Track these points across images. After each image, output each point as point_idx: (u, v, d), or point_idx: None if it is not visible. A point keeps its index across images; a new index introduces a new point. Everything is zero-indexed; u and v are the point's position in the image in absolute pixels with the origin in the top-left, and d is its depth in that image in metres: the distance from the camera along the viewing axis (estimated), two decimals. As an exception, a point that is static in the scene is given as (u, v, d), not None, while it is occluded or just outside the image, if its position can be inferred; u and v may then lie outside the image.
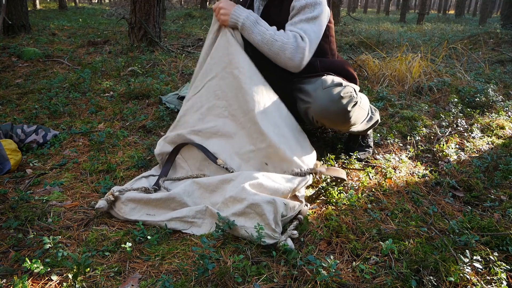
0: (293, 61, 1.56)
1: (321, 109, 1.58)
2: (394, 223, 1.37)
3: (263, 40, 1.58)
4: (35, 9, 12.81)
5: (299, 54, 1.55)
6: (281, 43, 1.55)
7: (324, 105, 1.56)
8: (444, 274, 1.08)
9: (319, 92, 1.60)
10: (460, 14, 16.90)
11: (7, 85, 3.11)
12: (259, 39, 1.58)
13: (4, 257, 1.17)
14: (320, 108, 1.58)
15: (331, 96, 1.55)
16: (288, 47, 1.54)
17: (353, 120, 1.62)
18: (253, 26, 1.58)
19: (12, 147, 1.79)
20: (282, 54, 1.56)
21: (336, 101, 1.54)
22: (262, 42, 1.58)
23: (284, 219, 1.31)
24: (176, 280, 1.09)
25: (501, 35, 5.94)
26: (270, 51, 1.58)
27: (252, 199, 1.25)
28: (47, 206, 1.46)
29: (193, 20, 9.87)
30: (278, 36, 1.57)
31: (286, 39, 1.55)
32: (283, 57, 1.56)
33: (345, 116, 1.57)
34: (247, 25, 1.58)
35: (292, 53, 1.55)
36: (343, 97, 1.54)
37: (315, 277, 1.06)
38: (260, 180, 1.35)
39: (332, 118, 1.59)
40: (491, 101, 2.65)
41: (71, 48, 4.71)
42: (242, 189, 1.30)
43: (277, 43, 1.55)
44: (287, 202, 1.32)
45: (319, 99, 1.59)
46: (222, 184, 1.43)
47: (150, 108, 2.64)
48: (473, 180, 1.65)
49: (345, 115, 1.57)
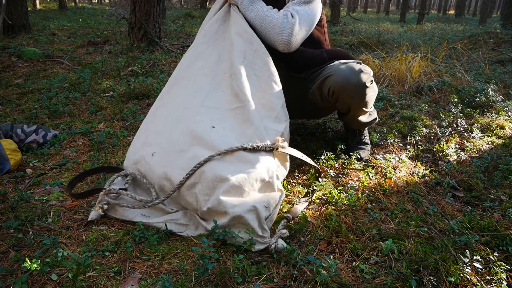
0: (281, 36, 1.62)
1: (342, 79, 1.63)
2: (394, 223, 1.37)
3: (256, 16, 1.66)
4: (35, 9, 12.81)
5: (287, 30, 1.61)
6: (271, 19, 1.63)
7: (346, 75, 1.63)
8: (444, 274, 1.08)
9: (339, 66, 1.68)
10: (460, 14, 16.90)
11: (7, 85, 3.11)
12: (253, 16, 1.66)
13: (4, 257, 1.17)
14: (342, 78, 1.64)
15: (353, 69, 1.63)
16: (277, 22, 1.62)
17: (368, 98, 1.68)
18: (250, 4, 1.68)
19: (12, 147, 1.79)
20: (271, 29, 1.63)
21: (357, 73, 1.62)
22: (255, 19, 1.66)
23: (270, 217, 1.31)
24: (176, 280, 1.09)
25: (501, 35, 5.94)
26: (261, 27, 1.65)
27: (233, 212, 1.23)
28: (47, 206, 1.46)
29: (193, 20, 9.87)
30: (269, 12, 1.65)
31: (276, 16, 1.64)
32: (271, 33, 1.63)
33: (363, 90, 1.64)
34: (245, 3, 1.67)
35: (281, 27, 1.61)
36: (364, 72, 1.63)
37: (315, 277, 1.06)
38: (231, 181, 1.29)
39: (351, 90, 1.64)
40: (491, 101, 2.65)
41: (71, 48, 4.71)
42: (219, 202, 1.25)
43: (268, 19, 1.63)
44: (267, 203, 1.30)
45: (340, 70, 1.65)
46: (188, 190, 1.35)
47: (150, 108, 2.64)
48: (473, 180, 1.65)
49: (363, 89, 1.64)
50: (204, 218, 1.32)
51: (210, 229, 1.25)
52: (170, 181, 1.39)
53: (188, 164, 1.37)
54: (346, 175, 1.74)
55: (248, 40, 1.63)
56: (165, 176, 1.40)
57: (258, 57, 1.61)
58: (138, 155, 1.52)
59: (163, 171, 1.41)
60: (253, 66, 1.59)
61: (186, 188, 1.34)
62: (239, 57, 1.57)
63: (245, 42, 1.62)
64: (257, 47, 1.62)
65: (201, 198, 1.30)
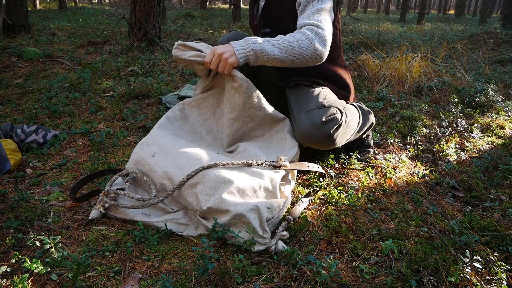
0: (317, 51, 1.47)
1: (304, 134, 1.55)
2: (394, 223, 1.37)
3: (281, 50, 1.45)
4: (35, 9, 12.81)
5: (322, 42, 1.47)
6: (299, 42, 1.45)
7: (307, 131, 1.53)
8: (444, 274, 1.08)
9: (302, 116, 1.57)
10: (460, 14, 16.90)
11: (7, 85, 3.11)
12: (278, 53, 1.44)
13: (4, 257, 1.17)
14: (303, 133, 1.55)
15: (313, 122, 1.51)
16: (308, 41, 1.45)
17: (339, 141, 1.59)
18: (263, 45, 1.44)
19: (12, 147, 1.79)
20: (306, 50, 1.45)
21: (318, 126, 1.51)
22: (282, 53, 1.45)
23: (272, 221, 1.30)
24: (176, 280, 1.09)
25: (501, 35, 5.94)
26: (294, 56, 1.46)
27: (235, 210, 1.22)
28: (47, 206, 1.46)
29: (193, 20, 9.87)
30: (291, 38, 1.46)
31: (302, 36, 1.46)
32: (309, 54, 1.46)
33: (329, 139, 1.54)
34: (258, 49, 1.43)
35: (315, 43, 1.46)
36: (325, 121, 1.51)
37: (315, 277, 1.06)
38: (235, 184, 1.30)
39: (316, 143, 1.57)
40: (491, 101, 2.65)
41: (71, 48, 4.71)
42: (221, 200, 1.26)
43: (295, 44, 1.45)
44: (270, 205, 1.30)
45: (302, 124, 1.55)
46: (189, 190, 1.36)
47: (150, 108, 2.65)
48: (473, 180, 1.65)
49: (328, 139, 1.54)
50: (205, 217, 1.32)
51: (210, 227, 1.25)
52: (171, 181, 1.39)
53: (190, 164, 1.37)
54: (346, 175, 1.74)
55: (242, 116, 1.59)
56: (166, 176, 1.41)
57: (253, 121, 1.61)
58: (137, 155, 1.53)
59: (164, 170, 1.41)
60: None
61: (187, 187, 1.34)
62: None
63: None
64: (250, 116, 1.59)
65: (201, 197, 1.30)
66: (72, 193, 1.46)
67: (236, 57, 1.43)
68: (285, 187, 1.48)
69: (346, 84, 1.80)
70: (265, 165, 1.45)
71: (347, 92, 1.82)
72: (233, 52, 1.43)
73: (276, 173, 1.42)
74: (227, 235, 1.22)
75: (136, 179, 1.51)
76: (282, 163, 1.46)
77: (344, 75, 1.81)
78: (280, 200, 1.38)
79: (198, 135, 1.65)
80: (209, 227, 1.26)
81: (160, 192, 1.43)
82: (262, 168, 1.44)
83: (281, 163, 1.46)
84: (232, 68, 1.46)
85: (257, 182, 1.35)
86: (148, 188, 1.47)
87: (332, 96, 1.68)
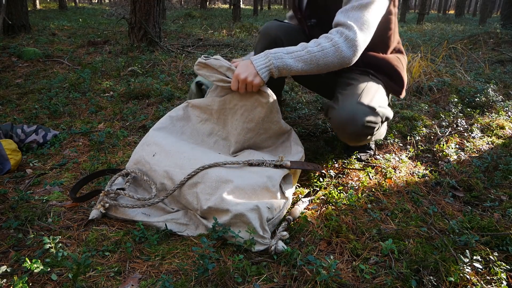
0: (344, 59, 1.40)
1: (340, 121, 1.52)
2: (394, 223, 1.37)
3: (305, 63, 1.39)
4: (35, 9, 12.81)
5: (351, 48, 1.39)
6: (325, 52, 1.38)
7: (344, 119, 1.51)
8: (444, 274, 1.08)
9: (348, 103, 1.52)
10: (460, 14, 16.90)
11: (7, 85, 3.11)
12: (301, 66, 1.39)
13: (4, 257, 1.17)
14: (340, 120, 1.52)
15: (355, 118, 1.48)
16: (335, 49, 1.38)
17: (363, 143, 1.66)
18: (285, 59, 1.38)
19: (12, 147, 1.79)
20: (332, 59, 1.39)
21: (357, 125, 1.49)
22: (306, 66, 1.39)
23: (272, 221, 1.30)
24: (176, 280, 1.09)
25: (501, 35, 5.94)
26: (319, 67, 1.40)
27: (236, 210, 1.23)
28: (47, 206, 1.46)
29: (193, 20, 9.87)
30: (316, 46, 1.39)
31: (328, 42, 1.39)
32: (335, 62, 1.40)
33: (354, 139, 1.57)
34: (281, 65, 1.39)
35: (342, 50, 1.39)
36: (366, 126, 1.50)
37: (315, 277, 1.06)
38: (235, 183, 1.31)
39: (346, 135, 1.56)
40: (491, 101, 2.65)
41: (71, 48, 4.71)
42: (221, 200, 1.26)
43: (319, 54, 1.38)
44: (270, 205, 1.30)
45: (344, 110, 1.51)
46: (189, 189, 1.36)
47: (150, 108, 2.65)
48: (473, 180, 1.65)
49: (354, 139, 1.57)
50: (205, 217, 1.32)
51: (210, 227, 1.25)
52: (172, 180, 1.39)
53: (191, 164, 1.37)
54: (346, 175, 1.74)
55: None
56: (167, 175, 1.41)
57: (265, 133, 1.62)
58: (138, 155, 1.53)
59: (165, 170, 1.42)
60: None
61: (187, 187, 1.34)
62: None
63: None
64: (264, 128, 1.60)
65: (202, 197, 1.30)
66: (72, 193, 1.47)
67: (260, 77, 1.40)
68: (286, 188, 1.48)
69: (399, 76, 1.71)
70: (266, 164, 1.45)
71: (399, 86, 1.74)
72: (256, 72, 1.40)
73: (276, 173, 1.42)
74: (227, 235, 1.22)
75: (136, 179, 1.51)
76: (282, 162, 1.46)
77: (398, 64, 1.71)
78: (280, 200, 1.37)
79: (200, 136, 1.65)
80: (209, 227, 1.26)
81: (161, 191, 1.43)
82: (263, 168, 1.44)
83: (282, 162, 1.46)
84: (259, 88, 1.45)
85: (257, 182, 1.35)
86: (148, 187, 1.47)
87: (383, 96, 1.65)
